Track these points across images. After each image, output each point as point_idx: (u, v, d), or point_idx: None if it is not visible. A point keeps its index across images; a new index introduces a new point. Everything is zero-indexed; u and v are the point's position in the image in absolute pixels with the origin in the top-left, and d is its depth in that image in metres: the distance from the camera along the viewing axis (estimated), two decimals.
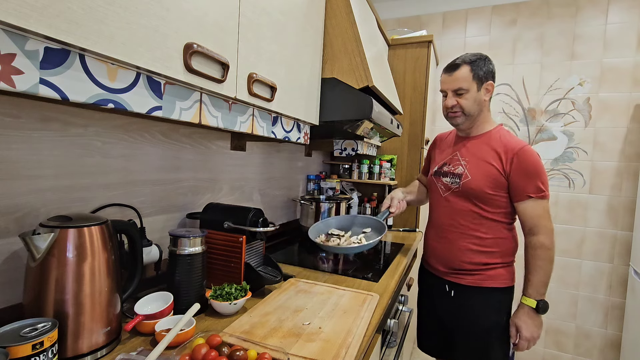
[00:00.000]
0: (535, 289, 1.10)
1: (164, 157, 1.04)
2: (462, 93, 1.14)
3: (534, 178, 1.08)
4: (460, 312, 1.21)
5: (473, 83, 1.13)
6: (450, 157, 1.26)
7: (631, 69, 2.04)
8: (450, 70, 1.16)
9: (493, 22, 2.34)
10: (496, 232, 1.15)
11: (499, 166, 1.11)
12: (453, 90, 1.15)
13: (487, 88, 1.15)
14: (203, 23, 0.67)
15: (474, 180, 1.14)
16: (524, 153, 1.09)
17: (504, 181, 1.11)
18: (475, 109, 1.16)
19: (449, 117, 1.21)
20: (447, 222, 1.22)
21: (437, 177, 1.27)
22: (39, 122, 0.72)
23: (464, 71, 1.13)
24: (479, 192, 1.14)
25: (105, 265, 0.66)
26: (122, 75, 0.55)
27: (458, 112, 1.17)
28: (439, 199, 1.26)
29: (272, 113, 0.99)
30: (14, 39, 0.42)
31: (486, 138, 1.18)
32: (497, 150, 1.13)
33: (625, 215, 2.10)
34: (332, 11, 1.21)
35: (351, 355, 0.70)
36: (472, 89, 1.13)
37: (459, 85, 1.13)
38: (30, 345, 0.51)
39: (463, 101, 1.14)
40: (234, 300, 0.85)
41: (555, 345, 2.27)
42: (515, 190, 1.10)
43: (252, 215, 1.00)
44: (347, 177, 2.19)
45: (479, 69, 1.13)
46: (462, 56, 1.16)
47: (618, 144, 2.10)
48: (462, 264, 1.18)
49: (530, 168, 1.08)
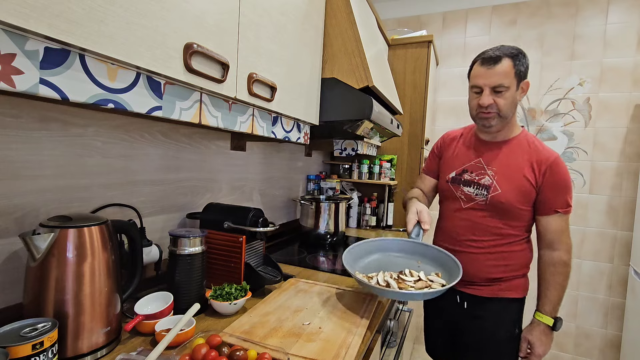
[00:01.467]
0: (552, 305, 1.04)
1: (164, 157, 1.04)
2: (501, 91, 0.99)
3: (564, 192, 1.01)
4: (473, 324, 1.13)
5: (514, 80, 0.99)
6: (472, 164, 1.12)
7: (631, 69, 2.04)
8: (490, 63, 1.00)
9: (493, 22, 2.34)
10: (515, 246, 1.08)
11: (532, 179, 1.02)
12: (492, 87, 1.00)
13: (523, 87, 1.03)
14: (203, 23, 0.67)
15: (505, 194, 1.04)
16: (558, 165, 1.01)
17: (534, 195, 1.03)
18: (511, 111, 1.03)
19: (479, 118, 1.06)
20: (465, 236, 1.11)
21: (456, 185, 1.14)
22: (39, 122, 0.72)
23: (506, 65, 0.98)
24: (509, 207, 1.04)
25: (105, 265, 0.66)
26: (122, 75, 0.55)
27: (493, 112, 1.02)
28: (458, 209, 1.13)
29: (272, 113, 0.99)
30: (14, 39, 0.42)
31: (515, 145, 1.07)
32: (530, 160, 1.03)
33: (625, 215, 2.10)
34: (332, 11, 1.21)
35: (351, 355, 0.70)
36: (512, 87, 0.99)
37: (500, 81, 0.98)
38: (30, 345, 0.51)
39: (501, 100, 1.00)
40: (234, 300, 0.85)
41: (555, 345, 2.27)
42: (544, 204, 1.03)
43: (252, 215, 1.00)
44: (347, 177, 2.19)
45: (520, 65, 1.00)
46: (500, 48, 1.02)
47: (618, 144, 2.10)
48: (478, 278, 1.10)
49: (563, 181, 1.01)
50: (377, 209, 2.15)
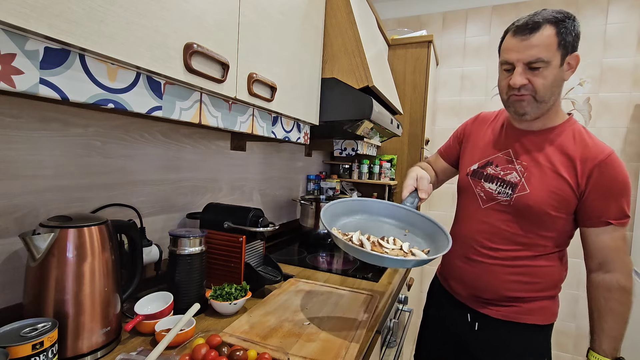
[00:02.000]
0: (612, 343, 0.84)
1: (164, 157, 1.04)
2: (539, 67, 0.77)
3: (619, 198, 0.80)
4: (486, 351, 0.94)
5: (557, 53, 0.77)
6: (499, 156, 0.93)
7: (631, 69, 2.04)
8: (525, 31, 0.78)
9: (493, 22, 2.34)
10: (544, 260, 0.87)
11: (572, 179, 0.81)
12: (526, 63, 0.78)
13: (569, 62, 0.80)
14: (203, 23, 0.67)
15: (534, 195, 0.84)
16: (611, 165, 0.79)
17: (574, 199, 0.82)
18: (552, 92, 0.81)
19: (511, 102, 0.85)
20: (482, 242, 0.92)
21: (477, 179, 0.95)
22: (39, 122, 0.72)
23: (547, 34, 0.76)
24: (538, 212, 0.84)
25: (105, 265, 0.66)
26: (122, 75, 0.55)
27: (527, 95, 0.81)
28: (475, 209, 0.95)
29: (272, 113, 0.99)
30: (14, 39, 0.42)
31: (556, 135, 0.85)
32: (572, 156, 0.82)
33: None
34: (332, 11, 1.21)
35: (351, 355, 0.70)
36: (555, 61, 0.77)
37: (537, 54, 0.76)
38: (30, 345, 0.51)
39: (539, 80, 0.78)
40: (234, 300, 0.85)
41: (555, 345, 2.27)
42: (591, 213, 0.82)
43: (252, 215, 1.00)
44: (347, 177, 2.19)
45: (567, 33, 0.76)
46: (540, 12, 0.79)
47: (618, 144, 2.10)
48: (494, 294, 0.91)
49: (617, 185, 0.79)
50: None
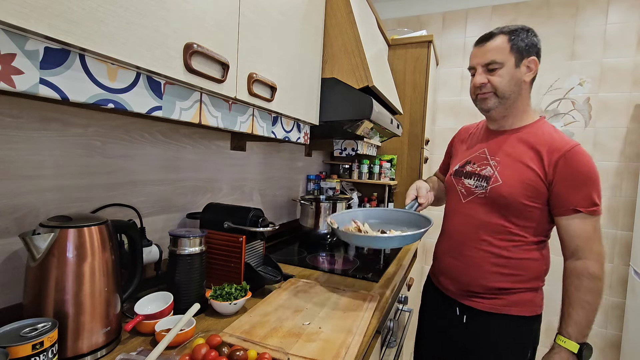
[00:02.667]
0: (579, 329, 0.87)
1: (164, 157, 1.04)
2: (495, 68, 0.91)
3: (585, 187, 0.85)
4: (473, 342, 0.99)
5: (510, 56, 0.90)
6: (476, 155, 1.03)
7: (631, 69, 2.04)
8: (482, 41, 0.95)
9: (493, 22, 2.34)
10: (525, 252, 0.93)
11: (539, 169, 0.89)
12: (484, 65, 0.93)
13: (528, 65, 0.91)
14: (203, 23, 0.67)
15: (507, 185, 0.92)
16: (575, 155, 0.86)
17: (544, 189, 0.89)
18: (511, 90, 0.92)
19: (478, 101, 0.98)
20: (465, 235, 0.99)
21: (458, 177, 1.05)
22: (39, 122, 0.72)
23: (500, 41, 0.91)
24: (511, 200, 0.91)
25: (105, 265, 0.66)
26: (122, 75, 0.55)
27: (489, 92, 0.93)
28: (457, 205, 1.04)
29: (272, 113, 0.99)
30: (14, 39, 0.42)
31: (524, 133, 0.95)
32: (538, 149, 0.90)
33: (625, 215, 2.10)
34: (332, 11, 1.21)
35: (351, 355, 0.70)
36: (509, 63, 0.90)
37: (491, 57, 0.91)
38: (30, 345, 0.51)
39: (496, 79, 0.91)
40: (234, 300, 0.85)
41: None
42: (558, 201, 0.88)
43: (252, 215, 1.00)
44: (347, 177, 2.19)
45: (518, 40, 0.90)
46: (498, 27, 0.95)
47: (618, 144, 2.10)
48: (480, 287, 0.97)
49: (582, 174, 0.86)
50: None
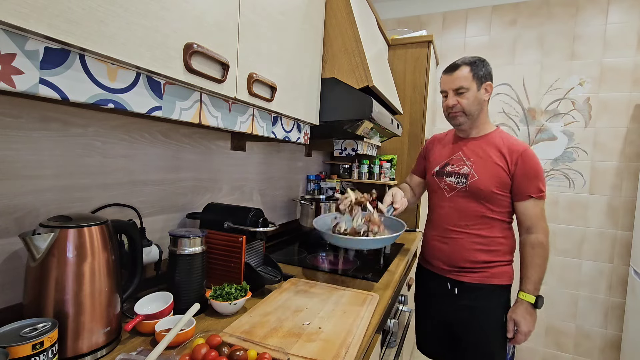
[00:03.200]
0: (533, 285, 1.14)
1: (164, 157, 1.04)
2: (462, 92, 1.17)
3: (536, 179, 1.13)
4: (464, 311, 1.22)
5: (473, 82, 1.16)
6: (453, 157, 1.27)
7: (631, 69, 2.04)
8: (450, 70, 1.20)
9: (493, 22, 2.34)
10: (499, 231, 1.19)
11: (505, 166, 1.15)
12: (454, 90, 1.18)
13: (486, 88, 1.19)
14: (203, 23, 0.67)
15: (481, 179, 1.17)
16: (528, 155, 1.14)
17: (509, 181, 1.15)
18: (476, 109, 1.19)
19: (450, 117, 1.24)
20: (452, 222, 1.23)
21: (440, 177, 1.28)
22: (39, 122, 0.72)
23: (464, 71, 1.17)
24: (486, 191, 1.16)
25: (105, 265, 0.66)
26: (122, 75, 0.55)
27: (459, 112, 1.19)
28: (442, 199, 1.27)
29: (272, 113, 0.99)
30: (14, 39, 0.42)
31: (489, 139, 1.22)
32: (502, 151, 1.17)
33: (625, 215, 2.10)
34: (332, 11, 1.21)
35: (351, 355, 0.70)
36: (472, 88, 1.16)
37: (459, 84, 1.16)
38: (30, 345, 0.51)
39: (464, 100, 1.17)
40: (234, 300, 0.85)
41: (555, 345, 2.27)
42: (518, 190, 1.15)
43: (252, 215, 1.00)
44: (347, 177, 2.18)
45: (478, 69, 1.17)
46: (461, 58, 1.21)
47: (618, 144, 2.10)
48: (466, 262, 1.20)
49: (533, 169, 1.13)
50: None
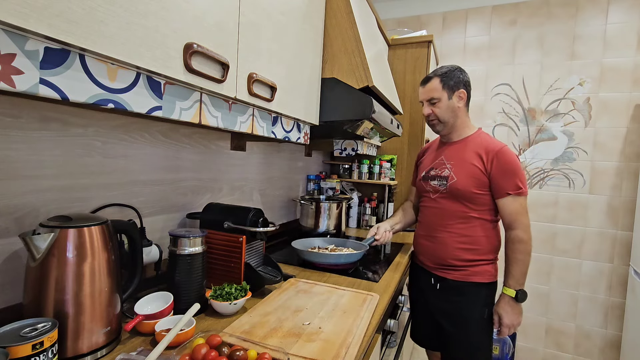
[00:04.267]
0: (515, 279, 1.19)
1: (164, 157, 1.04)
2: (435, 102, 1.26)
3: (513, 176, 1.17)
4: (446, 305, 1.29)
5: (443, 92, 1.24)
6: (436, 162, 1.35)
7: (631, 69, 2.04)
8: (423, 83, 1.29)
9: (493, 22, 2.34)
10: (482, 230, 1.24)
11: (481, 166, 1.21)
12: (427, 100, 1.28)
13: (459, 96, 1.25)
14: (203, 23, 0.67)
15: (460, 181, 1.23)
16: (503, 153, 1.19)
17: (486, 180, 1.20)
18: (449, 116, 1.26)
19: (430, 125, 1.33)
20: (436, 222, 1.30)
21: (426, 181, 1.37)
22: (39, 122, 0.72)
23: (435, 83, 1.25)
24: (464, 191, 1.22)
25: (105, 265, 0.66)
26: (122, 75, 0.55)
27: (435, 119, 1.29)
28: (428, 201, 1.36)
29: (272, 113, 0.99)
30: (14, 39, 0.42)
31: (467, 142, 1.29)
32: (479, 152, 1.22)
33: (625, 215, 2.10)
34: (332, 11, 1.21)
35: (351, 355, 0.70)
36: (443, 97, 1.24)
37: (431, 95, 1.26)
38: (30, 345, 0.51)
39: (437, 110, 1.26)
40: (234, 300, 0.85)
41: (555, 345, 2.27)
42: (496, 188, 1.20)
43: (252, 215, 1.00)
44: (347, 177, 2.19)
45: (448, 79, 1.24)
46: (435, 70, 1.29)
47: (618, 144, 2.10)
48: (449, 260, 1.26)
49: (509, 167, 1.17)
50: (377, 209, 2.15)
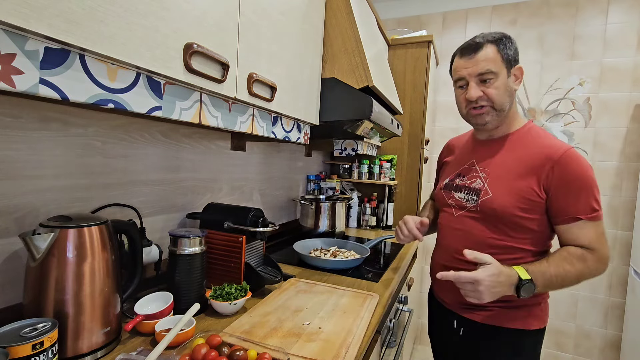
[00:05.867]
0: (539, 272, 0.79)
1: (164, 157, 1.04)
2: (490, 79, 0.86)
3: (584, 193, 0.81)
4: (471, 357, 0.95)
5: (502, 66, 0.86)
6: (465, 167, 0.99)
7: (631, 69, 2.04)
8: (471, 51, 0.88)
9: (493, 22, 2.34)
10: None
11: (534, 180, 0.84)
12: (477, 76, 0.87)
13: (515, 74, 0.89)
14: (203, 23, 0.67)
15: (498, 197, 0.87)
16: (570, 160, 0.82)
17: (541, 200, 0.84)
18: (507, 101, 0.88)
19: (472, 116, 0.91)
20: (458, 248, 0.91)
21: (448, 191, 1.01)
22: (39, 122, 0.72)
23: (490, 51, 0.86)
24: (504, 213, 0.86)
25: (105, 265, 0.66)
26: (122, 75, 0.55)
27: (486, 106, 0.88)
28: (450, 219, 0.99)
29: (272, 113, 0.99)
30: (14, 39, 0.42)
31: (515, 140, 0.91)
32: (532, 157, 0.86)
33: (625, 215, 2.10)
34: (332, 11, 1.21)
35: (351, 355, 0.70)
36: (502, 73, 0.86)
37: (486, 67, 0.85)
38: (30, 345, 0.51)
39: (492, 91, 0.86)
40: (234, 300, 0.85)
41: (555, 345, 2.27)
42: (558, 210, 0.83)
43: (252, 215, 1.00)
44: (347, 177, 2.19)
45: (507, 49, 0.87)
46: (480, 35, 0.89)
47: (618, 144, 2.10)
48: None
49: (578, 180, 0.81)
50: (377, 209, 2.15)
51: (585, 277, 0.82)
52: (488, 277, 0.76)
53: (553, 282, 0.80)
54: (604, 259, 0.82)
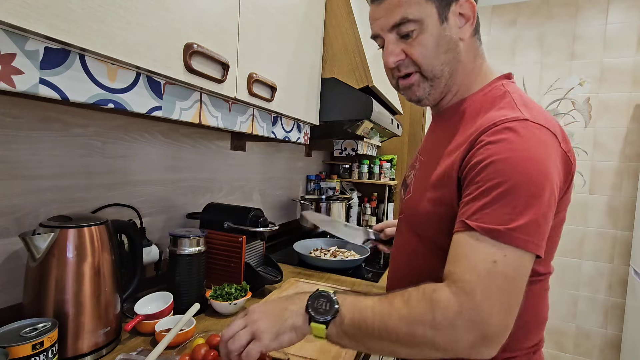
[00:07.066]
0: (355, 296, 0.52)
1: (164, 157, 1.04)
2: (411, 31, 0.56)
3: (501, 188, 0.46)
4: None
5: (429, 8, 0.55)
6: (415, 155, 0.75)
7: (631, 69, 2.04)
8: None
9: (493, 22, 2.34)
10: None
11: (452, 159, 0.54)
12: (392, 28, 0.58)
13: (461, 13, 0.57)
14: (203, 23, 0.67)
15: (415, 196, 0.63)
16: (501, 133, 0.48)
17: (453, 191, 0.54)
18: (444, 61, 0.58)
19: (401, 89, 0.64)
20: (402, 263, 0.67)
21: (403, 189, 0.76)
22: (39, 122, 0.72)
23: None
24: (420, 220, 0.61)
25: (105, 265, 0.66)
26: (122, 75, 0.55)
27: (412, 74, 0.60)
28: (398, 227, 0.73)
29: (272, 113, 0.99)
30: (14, 39, 0.42)
31: (462, 111, 0.61)
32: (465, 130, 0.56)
33: (625, 215, 2.10)
34: (332, 11, 1.21)
35: (351, 356, 0.70)
36: (430, 19, 0.56)
37: (401, 14, 0.56)
38: (30, 345, 0.51)
39: (416, 49, 0.57)
40: (234, 300, 0.85)
41: (555, 345, 2.27)
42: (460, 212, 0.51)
43: (252, 215, 1.00)
44: (347, 177, 2.19)
45: None
46: None
47: (618, 144, 2.10)
48: None
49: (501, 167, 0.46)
50: (377, 209, 2.15)
51: (416, 337, 0.44)
52: (257, 306, 0.54)
53: (368, 318, 0.47)
54: (468, 315, 0.42)
